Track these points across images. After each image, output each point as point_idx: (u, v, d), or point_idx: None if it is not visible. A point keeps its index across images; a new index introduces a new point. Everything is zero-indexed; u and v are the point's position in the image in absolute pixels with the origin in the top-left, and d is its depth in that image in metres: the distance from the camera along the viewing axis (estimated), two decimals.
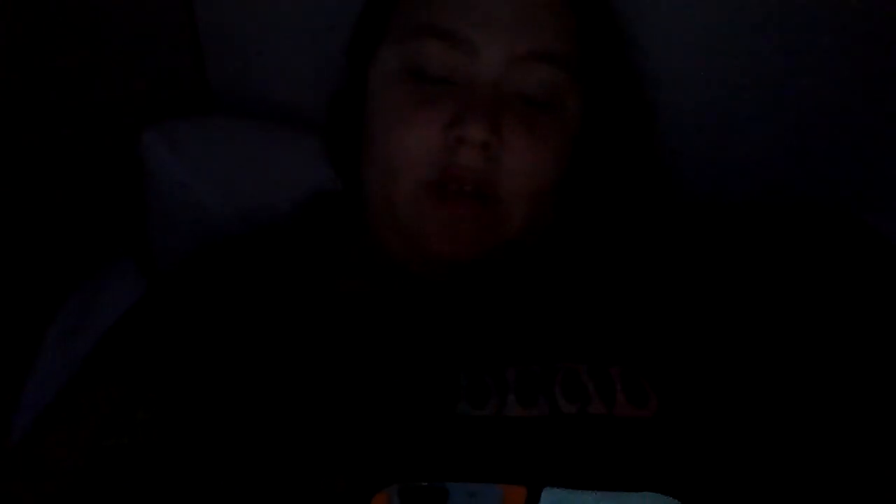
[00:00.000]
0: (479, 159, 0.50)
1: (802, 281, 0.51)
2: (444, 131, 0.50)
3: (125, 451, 0.44)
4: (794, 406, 0.46)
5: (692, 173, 0.71)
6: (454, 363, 0.44)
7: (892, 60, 0.66)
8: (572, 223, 0.59)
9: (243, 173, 0.72)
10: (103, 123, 0.74)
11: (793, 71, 0.67)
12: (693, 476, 0.40)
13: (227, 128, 0.75)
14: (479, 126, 0.49)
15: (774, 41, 0.66)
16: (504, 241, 0.52)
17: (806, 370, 0.47)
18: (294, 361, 0.47)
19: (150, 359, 0.51)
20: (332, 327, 0.49)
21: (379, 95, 0.55)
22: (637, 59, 0.64)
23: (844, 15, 0.64)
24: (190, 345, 0.50)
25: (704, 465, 0.41)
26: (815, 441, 0.46)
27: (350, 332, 0.49)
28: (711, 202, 0.70)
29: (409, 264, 0.54)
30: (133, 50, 0.74)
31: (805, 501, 0.43)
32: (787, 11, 0.65)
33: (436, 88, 0.52)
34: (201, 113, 0.78)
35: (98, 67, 0.72)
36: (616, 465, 0.39)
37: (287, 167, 0.72)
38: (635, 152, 0.63)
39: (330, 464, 0.40)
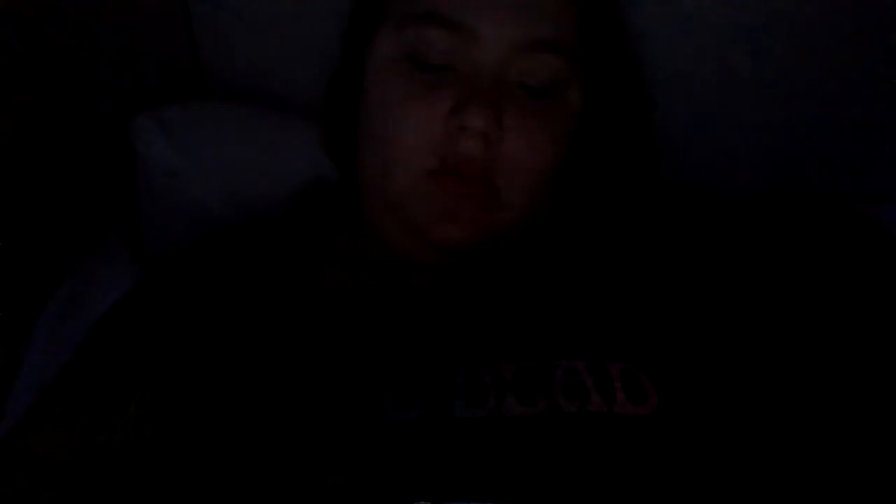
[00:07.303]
0: (479, 148, 0.49)
1: (803, 274, 0.50)
2: (445, 119, 0.50)
3: (117, 448, 0.44)
4: (795, 402, 0.46)
5: (692, 165, 0.70)
6: (449, 358, 0.44)
7: (891, 51, 0.65)
8: (571, 214, 0.58)
9: (237, 160, 0.72)
10: (95, 109, 0.73)
11: (793, 62, 0.67)
12: (692, 475, 0.40)
13: (221, 114, 0.74)
14: (481, 115, 0.48)
15: (775, 33, 0.66)
16: (502, 230, 0.52)
17: (807, 366, 0.47)
18: (286, 356, 0.46)
19: (141, 351, 0.50)
20: (327, 320, 0.49)
21: (378, 82, 0.54)
22: (638, 49, 0.64)
23: (843, 8, 0.64)
24: (180, 338, 0.49)
25: (704, 463, 0.41)
26: (816, 438, 0.45)
27: (345, 324, 0.48)
28: (711, 195, 0.69)
29: (407, 251, 0.54)
30: (126, 34, 0.73)
31: (805, 501, 0.42)
32: (788, 3, 0.64)
33: (436, 76, 0.51)
34: (194, 99, 0.77)
35: (90, 52, 0.71)
36: (615, 465, 0.39)
37: (282, 154, 0.71)
38: (635, 143, 0.63)
39: (329, 461, 0.39)
